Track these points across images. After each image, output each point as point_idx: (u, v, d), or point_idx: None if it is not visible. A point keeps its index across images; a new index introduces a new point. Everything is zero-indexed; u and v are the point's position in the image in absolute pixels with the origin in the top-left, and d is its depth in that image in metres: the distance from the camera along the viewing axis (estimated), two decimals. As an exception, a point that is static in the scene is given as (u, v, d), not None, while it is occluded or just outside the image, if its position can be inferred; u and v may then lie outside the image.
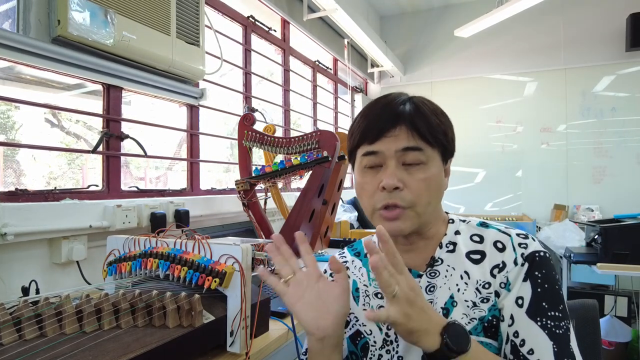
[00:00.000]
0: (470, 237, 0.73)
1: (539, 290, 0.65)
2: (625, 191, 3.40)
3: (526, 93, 3.76)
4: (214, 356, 0.87)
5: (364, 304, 0.78)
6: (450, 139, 0.72)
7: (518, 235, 0.71)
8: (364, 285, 0.80)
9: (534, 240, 0.70)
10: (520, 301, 0.65)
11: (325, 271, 0.86)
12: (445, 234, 0.74)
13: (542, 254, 0.68)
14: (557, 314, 0.64)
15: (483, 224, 0.75)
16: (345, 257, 0.87)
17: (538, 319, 0.63)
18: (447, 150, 0.71)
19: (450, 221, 0.76)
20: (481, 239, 0.72)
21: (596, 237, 2.21)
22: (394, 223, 0.68)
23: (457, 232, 0.75)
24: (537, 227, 3.19)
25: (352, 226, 2.74)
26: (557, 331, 0.63)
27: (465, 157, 3.82)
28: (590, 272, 2.24)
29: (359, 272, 0.82)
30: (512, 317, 0.65)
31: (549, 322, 0.63)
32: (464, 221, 0.77)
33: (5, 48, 1.13)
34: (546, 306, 0.64)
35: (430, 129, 0.68)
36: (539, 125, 3.70)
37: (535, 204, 3.68)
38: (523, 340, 0.63)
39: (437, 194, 0.71)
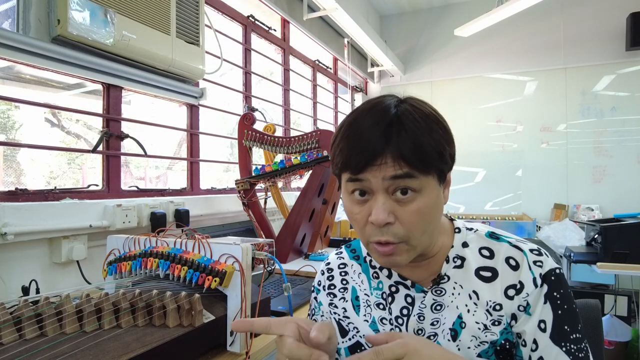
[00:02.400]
0: (480, 251, 0.68)
1: (559, 312, 0.62)
2: (625, 190, 3.40)
3: (526, 92, 3.76)
4: (214, 356, 0.87)
5: (364, 315, 0.74)
6: (449, 157, 0.62)
7: (531, 251, 0.66)
8: (365, 294, 0.75)
9: (547, 256, 0.66)
10: (542, 325, 0.62)
11: (323, 272, 0.83)
12: (452, 246, 0.69)
13: (557, 271, 0.65)
14: (577, 335, 0.62)
15: (492, 235, 0.69)
16: (343, 258, 0.82)
17: (562, 344, 0.61)
18: (443, 169, 0.62)
19: (457, 230, 0.70)
20: (491, 254, 0.67)
21: (596, 236, 2.21)
22: (390, 258, 0.62)
23: (464, 244, 0.69)
24: (537, 226, 3.19)
25: (352, 226, 2.73)
26: (580, 354, 0.61)
27: (465, 157, 3.82)
28: (590, 271, 2.24)
29: (359, 278, 0.77)
30: (535, 342, 0.62)
31: (572, 346, 0.61)
32: (470, 229, 0.71)
33: (5, 47, 1.13)
34: (568, 329, 0.62)
35: (421, 155, 0.58)
36: (539, 124, 3.70)
37: (535, 204, 3.68)
38: None
39: (434, 221, 0.63)
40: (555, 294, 0.63)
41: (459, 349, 0.65)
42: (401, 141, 0.58)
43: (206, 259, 0.88)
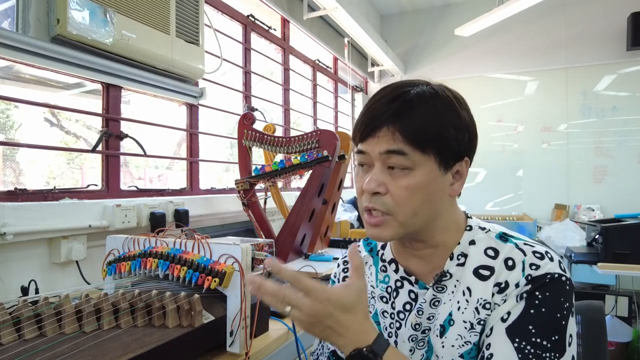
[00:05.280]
0: (485, 251, 0.66)
1: (531, 311, 0.58)
2: (626, 191, 3.40)
3: (527, 92, 3.76)
4: (213, 356, 0.87)
5: (368, 306, 0.75)
6: (453, 139, 0.63)
7: (534, 253, 0.62)
8: (371, 286, 0.76)
9: (551, 260, 0.61)
10: (506, 316, 0.59)
11: (339, 265, 0.86)
12: (459, 243, 0.67)
13: (556, 276, 0.59)
14: (544, 342, 0.56)
15: (502, 237, 0.67)
16: (360, 251, 0.83)
17: (517, 340, 0.57)
18: (445, 153, 0.63)
19: (468, 228, 0.69)
20: (496, 254, 0.65)
21: (597, 236, 2.20)
22: (375, 229, 0.64)
23: (471, 242, 0.67)
24: (537, 227, 3.19)
25: (352, 226, 2.73)
26: None
27: (466, 157, 3.82)
28: (591, 272, 2.24)
29: (369, 270, 0.79)
30: (491, 329, 0.60)
31: (528, 347, 0.56)
32: (483, 229, 0.69)
33: (4, 47, 1.13)
34: (533, 330, 0.57)
35: (417, 131, 0.60)
36: (540, 124, 3.69)
37: (536, 204, 3.68)
38: (491, 355, 0.58)
39: (428, 203, 0.63)
40: (537, 293, 0.59)
41: (443, 346, 0.65)
42: (401, 115, 0.61)
43: (206, 259, 0.88)
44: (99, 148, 1.47)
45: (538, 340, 0.57)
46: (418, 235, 0.67)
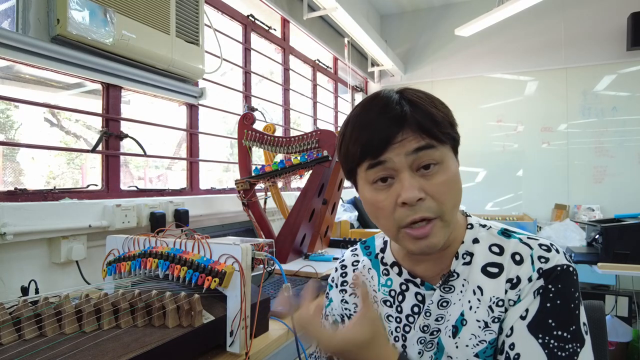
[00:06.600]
0: (490, 248, 0.66)
1: (548, 305, 0.59)
2: (626, 191, 3.40)
3: (527, 92, 3.76)
4: (213, 356, 0.87)
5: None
6: (455, 129, 0.65)
7: (540, 246, 0.63)
8: (373, 290, 0.75)
9: (558, 252, 0.62)
10: (524, 313, 0.60)
11: (337, 269, 0.84)
12: (463, 242, 0.67)
13: (564, 267, 0.60)
14: (565, 334, 0.57)
15: (505, 233, 0.67)
16: (357, 255, 0.82)
17: (540, 335, 0.58)
18: (455, 142, 0.64)
19: (469, 226, 0.69)
20: (501, 251, 0.65)
21: (597, 236, 2.20)
22: (426, 240, 0.61)
23: (475, 240, 0.67)
24: (537, 226, 3.19)
25: (352, 226, 2.73)
26: (560, 353, 0.57)
27: (466, 157, 3.79)
28: (591, 272, 2.23)
29: (369, 273, 0.77)
30: (512, 328, 0.60)
31: (552, 341, 0.57)
32: (484, 226, 0.69)
33: (4, 47, 1.13)
34: (553, 324, 0.58)
35: (437, 124, 0.60)
36: (540, 124, 3.70)
37: (536, 204, 3.68)
38: (518, 355, 0.58)
39: (460, 193, 0.63)
40: (550, 286, 0.59)
41: (457, 346, 0.64)
42: (417, 114, 0.60)
43: (206, 259, 0.88)
44: (99, 148, 1.47)
45: (559, 332, 0.58)
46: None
